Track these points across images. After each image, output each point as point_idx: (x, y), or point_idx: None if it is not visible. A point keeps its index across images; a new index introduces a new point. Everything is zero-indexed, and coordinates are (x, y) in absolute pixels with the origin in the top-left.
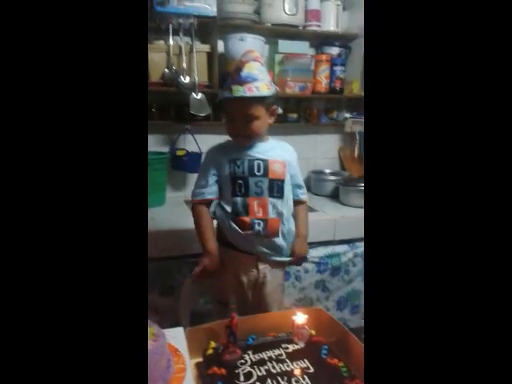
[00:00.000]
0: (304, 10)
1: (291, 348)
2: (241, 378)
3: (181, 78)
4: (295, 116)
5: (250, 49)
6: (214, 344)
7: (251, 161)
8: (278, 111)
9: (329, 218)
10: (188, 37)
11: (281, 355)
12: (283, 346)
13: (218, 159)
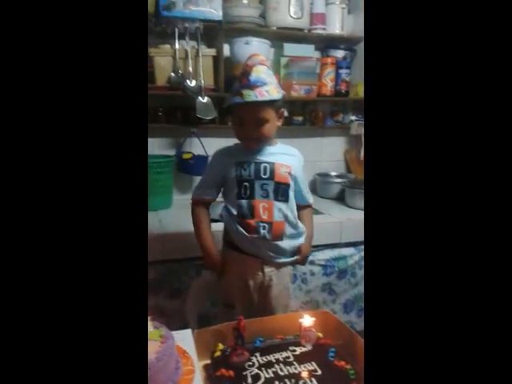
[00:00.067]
0: (309, 14)
1: (299, 350)
2: (249, 380)
3: (187, 82)
4: (301, 119)
5: (255, 52)
6: (222, 346)
7: (258, 164)
8: (285, 114)
9: (335, 221)
10: (194, 41)
11: (288, 357)
12: (291, 349)
13: (225, 162)
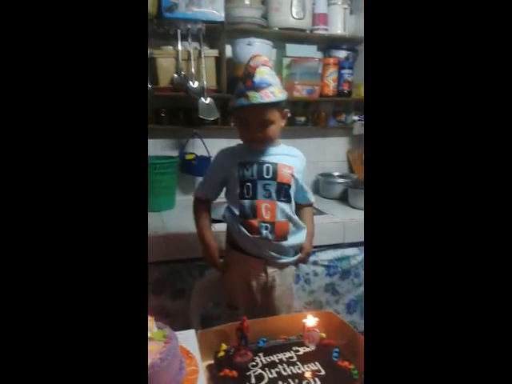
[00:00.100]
0: (311, 14)
1: (302, 351)
2: (252, 381)
3: (190, 83)
4: (303, 119)
5: (257, 53)
6: (226, 346)
7: (260, 164)
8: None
9: (338, 221)
10: (196, 42)
11: (292, 358)
12: (294, 349)
13: (227, 162)
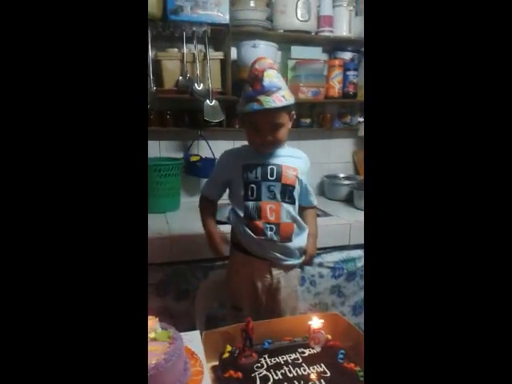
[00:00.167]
0: (316, 16)
1: (307, 352)
2: (257, 382)
3: (195, 85)
4: (308, 121)
5: (262, 55)
6: (230, 348)
7: (265, 166)
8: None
9: (343, 223)
10: (201, 44)
11: (297, 359)
12: (299, 351)
13: (231, 163)
